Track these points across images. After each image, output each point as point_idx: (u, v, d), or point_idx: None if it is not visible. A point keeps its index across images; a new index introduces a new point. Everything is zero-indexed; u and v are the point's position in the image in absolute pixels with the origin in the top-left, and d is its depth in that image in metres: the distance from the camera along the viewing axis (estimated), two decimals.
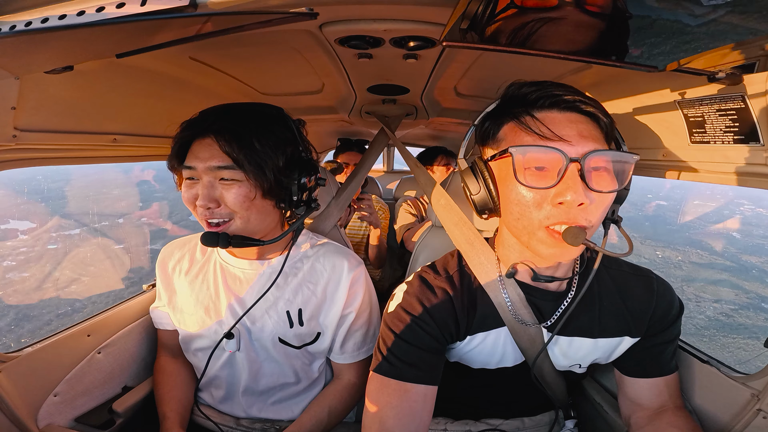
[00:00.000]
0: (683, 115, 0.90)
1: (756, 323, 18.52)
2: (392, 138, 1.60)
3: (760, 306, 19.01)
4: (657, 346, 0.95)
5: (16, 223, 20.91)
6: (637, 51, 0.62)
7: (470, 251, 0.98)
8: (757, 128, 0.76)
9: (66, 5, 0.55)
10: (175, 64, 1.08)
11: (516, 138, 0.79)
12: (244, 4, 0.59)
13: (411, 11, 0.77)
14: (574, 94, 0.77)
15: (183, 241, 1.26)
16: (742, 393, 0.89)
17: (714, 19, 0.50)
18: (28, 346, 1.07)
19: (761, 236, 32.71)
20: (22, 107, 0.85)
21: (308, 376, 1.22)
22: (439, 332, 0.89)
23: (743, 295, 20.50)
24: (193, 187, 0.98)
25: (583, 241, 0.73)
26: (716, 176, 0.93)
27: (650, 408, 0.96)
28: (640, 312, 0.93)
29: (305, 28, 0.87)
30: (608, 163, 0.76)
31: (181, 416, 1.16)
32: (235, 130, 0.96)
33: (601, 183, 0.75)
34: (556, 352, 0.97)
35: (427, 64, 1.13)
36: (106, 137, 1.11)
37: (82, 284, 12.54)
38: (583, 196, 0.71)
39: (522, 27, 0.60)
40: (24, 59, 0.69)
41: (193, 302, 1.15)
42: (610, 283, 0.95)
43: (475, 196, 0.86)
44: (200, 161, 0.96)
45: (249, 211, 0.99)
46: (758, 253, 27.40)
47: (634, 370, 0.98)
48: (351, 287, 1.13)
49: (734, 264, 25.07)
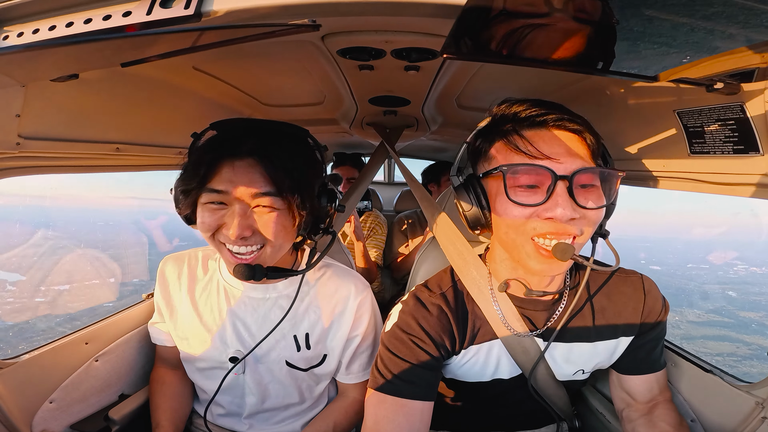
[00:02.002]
0: (682, 125, 0.91)
1: (761, 371, 18.64)
2: (391, 152, 1.62)
3: (763, 356, 19.01)
4: (648, 344, 0.99)
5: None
6: (636, 61, 0.63)
7: (462, 266, 1.01)
8: (757, 138, 0.76)
9: (73, 14, 0.56)
10: (179, 74, 1.10)
11: (506, 156, 0.82)
12: (247, 15, 0.60)
13: (412, 23, 0.78)
14: (562, 112, 0.80)
15: (182, 256, 1.20)
16: (746, 401, 0.89)
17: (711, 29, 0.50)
18: (25, 353, 1.06)
19: (757, 293, 33.00)
20: (26, 115, 0.86)
21: (312, 396, 1.20)
22: (434, 348, 0.91)
23: (745, 348, 20.63)
24: (217, 213, 0.90)
25: (571, 256, 0.76)
26: (717, 187, 0.93)
27: (642, 401, 1.01)
28: (631, 311, 0.97)
29: (307, 39, 0.88)
30: (596, 180, 0.80)
31: (176, 426, 1.15)
32: (277, 154, 0.90)
33: (589, 199, 0.78)
34: (557, 360, 0.98)
35: (428, 76, 1.14)
36: (109, 146, 1.11)
37: None
38: (572, 212, 0.75)
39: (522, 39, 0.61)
40: (30, 67, 0.70)
41: (197, 323, 1.12)
42: (599, 288, 0.99)
43: (468, 212, 0.88)
44: (235, 186, 0.88)
45: (284, 240, 0.95)
46: (756, 309, 27.70)
47: (628, 368, 1.02)
48: (357, 311, 1.12)
49: (733, 320, 25.30)
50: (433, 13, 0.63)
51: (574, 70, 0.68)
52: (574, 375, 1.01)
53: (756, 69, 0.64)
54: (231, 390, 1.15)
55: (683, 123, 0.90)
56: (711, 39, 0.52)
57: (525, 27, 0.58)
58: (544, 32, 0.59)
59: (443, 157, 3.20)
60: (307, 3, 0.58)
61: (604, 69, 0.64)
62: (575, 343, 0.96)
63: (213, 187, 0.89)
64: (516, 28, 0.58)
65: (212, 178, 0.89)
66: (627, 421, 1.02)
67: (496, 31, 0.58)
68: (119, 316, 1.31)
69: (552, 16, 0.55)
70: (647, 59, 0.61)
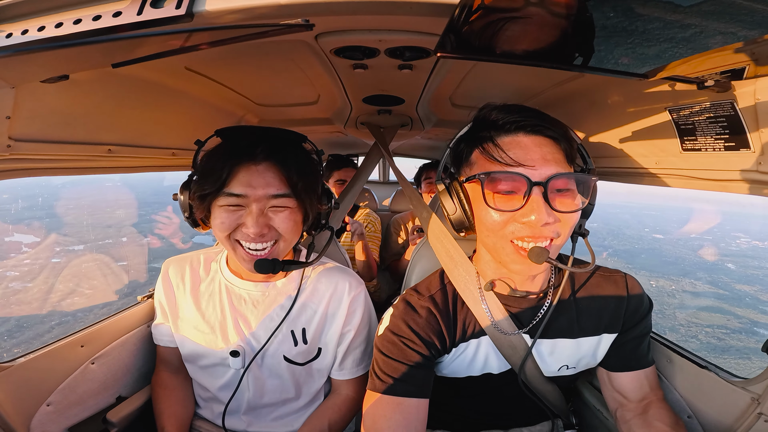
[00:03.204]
0: (674, 122, 0.91)
1: (747, 345, 18.95)
2: (384, 153, 1.63)
3: (752, 330, 19.39)
4: (633, 340, 1.01)
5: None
6: (627, 59, 0.63)
7: (451, 265, 1.05)
8: (747, 134, 0.77)
9: (63, 14, 0.56)
10: (171, 75, 1.09)
11: (484, 163, 0.85)
12: (239, 15, 0.59)
13: (406, 22, 0.78)
14: (540, 118, 0.83)
15: (184, 258, 1.25)
16: (742, 397, 0.89)
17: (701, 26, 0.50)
18: (21, 356, 1.06)
19: (756, 267, 33.45)
20: (17, 117, 0.85)
21: (309, 392, 1.23)
22: (425, 348, 0.95)
23: (735, 321, 21.02)
24: (235, 214, 0.97)
25: (546, 260, 0.80)
26: (709, 183, 0.94)
27: (634, 400, 1.02)
28: (614, 308, 0.99)
29: (301, 38, 0.88)
30: (571, 184, 0.83)
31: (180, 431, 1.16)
32: (289, 158, 0.99)
33: (564, 203, 0.81)
34: (544, 355, 1.00)
35: (422, 75, 1.14)
36: (101, 148, 1.11)
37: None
38: (546, 216, 0.78)
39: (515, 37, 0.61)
40: (20, 68, 0.69)
41: (199, 321, 1.15)
42: (582, 286, 1.01)
43: (452, 215, 0.92)
44: (253, 189, 0.95)
45: (295, 235, 1.05)
46: (752, 283, 28.14)
47: (615, 365, 1.03)
48: (350, 306, 1.16)
49: (728, 292, 25.68)
50: (426, 12, 0.63)
51: (567, 68, 0.69)
52: (559, 371, 1.03)
53: (746, 66, 0.65)
54: (231, 386, 1.17)
55: (675, 120, 0.91)
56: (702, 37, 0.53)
57: (518, 25, 0.58)
58: (537, 30, 0.59)
59: (438, 155, 3.20)
60: (300, 3, 0.58)
61: (597, 67, 0.64)
62: (559, 339, 0.99)
63: (232, 191, 0.95)
64: (509, 26, 0.58)
65: (230, 182, 0.96)
66: (621, 421, 1.02)
67: (490, 29, 0.58)
68: (115, 318, 1.30)
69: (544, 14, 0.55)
70: (639, 57, 0.61)
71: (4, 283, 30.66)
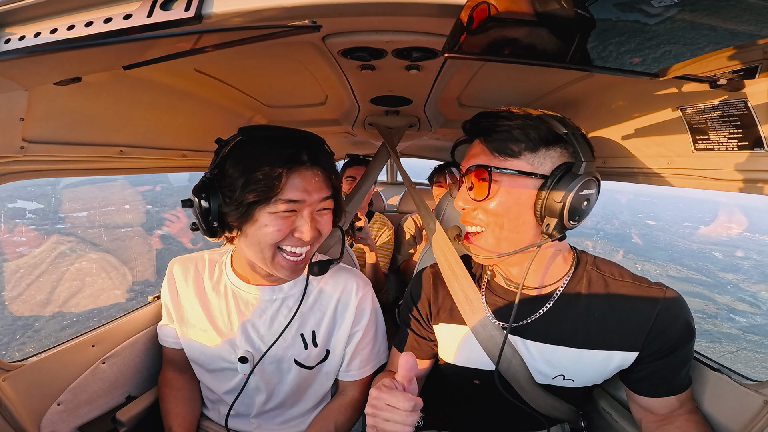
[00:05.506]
0: (686, 122, 0.90)
1: (720, 330, 18.84)
2: (392, 154, 1.62)
3: (728, 317, 19.25)
4: (667, 368, 0.92)
5: None
6: (638, 58, 0.62)
7: (451, 277, 1.10)
8: (761, 134, 0.75)
9: (74, 16, 0.56)
10: (181, 77, 1.10)
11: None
12: (248, 17, 0.60)
13: (413, 23, 0.78)
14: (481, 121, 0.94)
15: (190, 258, 1.24)
16: (754, 400, 0.87)
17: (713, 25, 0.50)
18: (33, 356, 1.07)
19: (741, 257, 33.21)
20: (30, 119, 0.86)
21: (317, 394, 1.23)
22: (416, 311, 1.14)
23: (713, 306, 20.89)
24: (289, 220, 0.94)
25: (456, 236, 1.03)
26: (722, 183, 0.92)
27: (661, 414, 0.96)
28: (634, 325, 0.90)
29: (308, 40, 0.88)
30: (484, 175, 0.88)
31: (187, 431, 1.16)
32: (327, 160, 1.01)
33: (476, 193, 0.90)
34: (536, 358, 0.97)
35: (429, 75, 1.14)
36: (112, 149, 1.12)
37: None
38: (464, 202, 0.93)
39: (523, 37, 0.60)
40: (33, 71, 0.70)
41: (206, 325, 1.15)
42: (604, 294, 0.94)
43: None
44: (309, 194, 0.94)
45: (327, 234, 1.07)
46: (735, 272, 28.01)
47: (645, 390, 0.96)
48: (359, 306, 1.17)
49: (710, 279, 25.55)
50: (433, 13, 0.62)
51: (577, 67, 0.68)
52: (554, 379, 0.97)
53: (759, 65, 0.64)
54: (238, 390, 1.16)
55: (687, 120, 0.90)
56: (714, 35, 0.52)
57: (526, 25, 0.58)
58: (546, 30, 0.59)
59: (445, 157, 3.19)
60: (308, 4, 0.58)
61: (607, 66, 0.64)
62: (559, 346, 0.95)
63: (289, 197, 0.92)
64: (517, 26, 0.58)
65: (285, 187, 0.92)
66: (645, 430, 0.98)
67: (497, 29, 0.58)
68: (125, 318, 1.32)
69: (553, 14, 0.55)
70: (650, 56, 0.61)
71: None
